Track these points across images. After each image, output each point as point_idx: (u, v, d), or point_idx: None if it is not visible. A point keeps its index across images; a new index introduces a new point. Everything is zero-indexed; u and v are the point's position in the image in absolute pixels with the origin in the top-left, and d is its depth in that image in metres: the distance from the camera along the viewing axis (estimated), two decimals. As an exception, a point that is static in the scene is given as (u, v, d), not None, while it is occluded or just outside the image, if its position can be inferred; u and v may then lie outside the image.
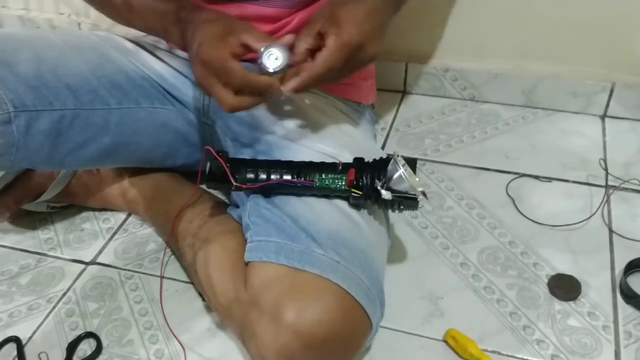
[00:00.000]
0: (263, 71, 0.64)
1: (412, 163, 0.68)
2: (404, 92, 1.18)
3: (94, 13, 1.27)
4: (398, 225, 0.89)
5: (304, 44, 0.64)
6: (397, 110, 1.14)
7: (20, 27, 1.32)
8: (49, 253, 0.89)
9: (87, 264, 0.87)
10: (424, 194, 0.66)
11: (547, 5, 1.02)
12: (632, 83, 1.05)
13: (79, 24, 1.29)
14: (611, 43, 1.03)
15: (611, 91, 1.06)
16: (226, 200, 0.90)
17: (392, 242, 0.83)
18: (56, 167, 0.86)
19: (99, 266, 0.86)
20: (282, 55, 0.63)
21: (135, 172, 0.92)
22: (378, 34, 0.64)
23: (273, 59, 0.63)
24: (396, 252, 0.85)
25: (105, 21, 1.26)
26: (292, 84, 0.63)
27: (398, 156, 0.67)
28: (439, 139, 1.06)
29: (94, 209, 0.96)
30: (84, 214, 0.95)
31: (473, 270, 0.82)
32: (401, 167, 0.66)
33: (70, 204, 0.95)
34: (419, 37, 1.12)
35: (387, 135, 1.08)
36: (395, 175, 0.66)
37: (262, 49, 0.64)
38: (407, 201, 0.67)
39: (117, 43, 0.85)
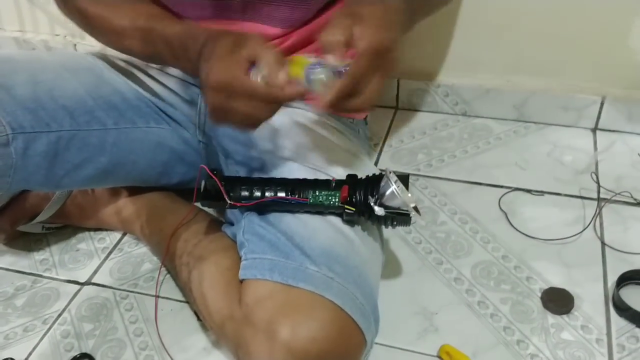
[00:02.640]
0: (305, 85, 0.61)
1: (404, 179, 0.69)
2: (397, 108, 1.20)
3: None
4: (392, 240, 0.89)
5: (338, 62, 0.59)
6: (390, 126, 1.15)
7: (16, 49, 1.33)
8: (44, 274, 0.89)
9: (82, 284, 0.87)
10: (416, 209, 0.67)
11: (537, 21, 1.04)
12: (622, 96, 1.06)
13: (75, 45, 1.30)
14: (601, 57, 1.05)
15: (602, 104, 1.08)
16: (221, 218, 0.90)
17: (387, 258, 0.84)
18: (53, 188, 0.87)
19: (94, 286, 0.87)
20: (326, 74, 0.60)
21: (130, 191, 0.93)
22: (399, 43, 0.61)
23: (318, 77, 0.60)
24: (390, 268, 0.85)
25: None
26: (327, 98, 0.60)
27: (390, 172, 0.68)
28: (431, 154, 1.07)
29: (89, 229, 0.96)
30: (79, 234, 0.95)
31: (467, 285, 0.82)
32: (393, 183, 0.67)
33: (65, 225, 0.96)
34: (411, 53, 1.13)
35: (380, 150, 1.09)
36: (388, 192, 0.67)
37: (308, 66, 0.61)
38: (399, 217, 0.67)
39: (112, 63, 0.86)
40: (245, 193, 0.71)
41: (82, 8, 0.77)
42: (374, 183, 0.69)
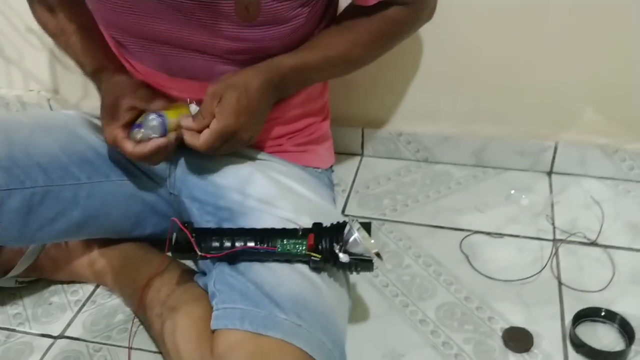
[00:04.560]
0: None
1: (367, 227, 0.73)
2: (362, 155, 1.24)
3: (63, 89, 1.32)
4: (360, 284, 0.92)
5: (196, 125, 0.74)
6: (356, 173, 1.19)
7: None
8: (17, 328, 0.89)
9: (55, 337, 0.87)
10: (378, 255, 0.70)
11: (491, 72, 1.10)
12: (574, 141, 1.12)
13: (48, 99, 1.32)
14: (552, 106, 1.11)
15: (555, 149, 1.13)
16: (194, 268, 0.92)
17: (355, 301, 0.87)
18: (26, 243, 0.88)
19: (67, 340, 0.87)
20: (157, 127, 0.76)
21: (103, 243, 0.94)
22: (253, 123, 0.75)
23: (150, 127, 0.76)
24: (359, 311, 0.88)
25: (74, 96, 1.31)
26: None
27: (353, 220, 0.72)
28: (396, 199, 1.11)
29: (62, 282, 0.96)
30: (52, 287, 0.96)
31: (432, 327, 0.85)
32: (356, 231, 0.70)
33: (38, 278, 0.96)
34: (374, 104, 1.19)
35: (348, 196, 1.13)
36: (351, 239, 0.70)
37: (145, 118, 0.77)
38: (363, 263, 0.71)
39: (86, 121, 0.88)
40: (215, 243, 0.73)
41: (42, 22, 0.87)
42: (339, 231, 0.72)
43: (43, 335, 0.88)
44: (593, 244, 0.98)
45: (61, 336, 0.88)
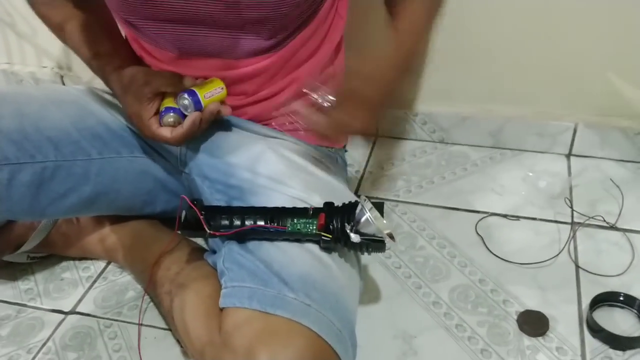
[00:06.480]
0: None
1: (379, 206, 0.71)
2: (377, 136, 1.22)
3: (76, 66, 1.31)
4: (372, 265, 0.91)
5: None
6: (370, 154, 1.18)
7: (3, 81, 1.36)
8: (29, 303, 0.90)
9: (66, 313, 0.88)
10: (390, 236, 0.69)
11: (510, 52, 1.08)
12: (593, 123, 1.10)
13: (62, 76, 1.32)
14: (572, 86, 1.08)
15: (575, 131, 1.11)
16: (205, 246, 0.92)
17: (367, 283, 0.86)
18: (37, 217, 0.88)
19: (78, 315, 0.88)
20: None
21: (114, 220, 0.94)
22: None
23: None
24: (371, 292, 0.87)
25: (87, 73, 1.30)
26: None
27: (365, 200, 0.70)
28: (410, 181, 1.10)
29: (73, 258, 0.97)
30: (64, 264, 0.97)
31: (445, 309, 0.84)
32: (368, 211, 0.69)
33: (50, 254, 0.97)
34: (390, 83, 1.17)
35: (361, 177, 1.11)
36: (363, 219, 0.69)
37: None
38: (374, 244, 0.69)
39: (98, 96, 0.88)
40: (225, 222, 0.73)
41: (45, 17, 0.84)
42: (350, 210, 0.71)
43: (54, 311, 0.89)
44: (612, 227, 0.96)
45: (72, 312, 0.88)
